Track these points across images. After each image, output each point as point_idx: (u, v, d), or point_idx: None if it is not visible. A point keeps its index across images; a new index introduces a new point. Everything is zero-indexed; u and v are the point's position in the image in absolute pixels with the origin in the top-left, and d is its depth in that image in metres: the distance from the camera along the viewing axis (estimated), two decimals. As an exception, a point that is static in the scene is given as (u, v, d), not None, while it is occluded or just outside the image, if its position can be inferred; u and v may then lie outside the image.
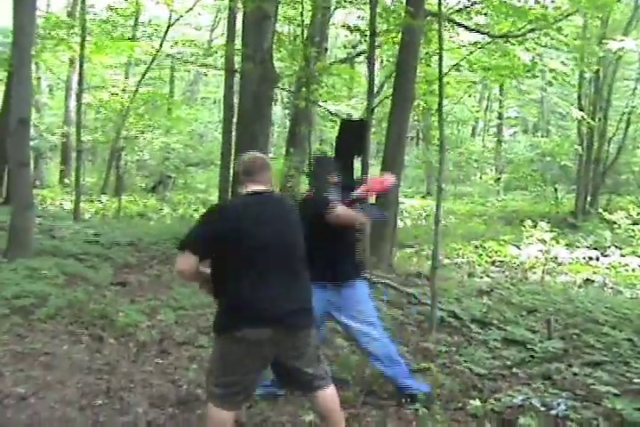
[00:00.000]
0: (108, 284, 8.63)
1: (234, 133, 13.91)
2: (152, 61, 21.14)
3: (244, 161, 3.97)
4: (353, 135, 10.81)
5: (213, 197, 17.47)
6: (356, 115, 17.18)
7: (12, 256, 9.25)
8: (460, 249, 14.32)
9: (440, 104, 7.45)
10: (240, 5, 13.39)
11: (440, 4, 7.77)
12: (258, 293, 3.60)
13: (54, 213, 17.52)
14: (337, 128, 12.17)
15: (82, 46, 16.73)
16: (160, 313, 7.14)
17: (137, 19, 22.71)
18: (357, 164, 11.15)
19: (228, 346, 3.66)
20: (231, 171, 14.26)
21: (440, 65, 7.46)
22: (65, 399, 4.82)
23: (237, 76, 14.10)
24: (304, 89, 14.60)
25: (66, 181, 25.00)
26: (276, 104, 15.69)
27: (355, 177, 8.01)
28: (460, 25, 13.93)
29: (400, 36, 11.77)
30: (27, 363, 5.54)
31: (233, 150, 14.04)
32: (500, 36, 13.47)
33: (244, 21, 13.42)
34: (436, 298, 6.91)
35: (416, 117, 21.20)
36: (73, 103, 20.14)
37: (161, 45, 20.47)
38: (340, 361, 5.61)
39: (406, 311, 7.65)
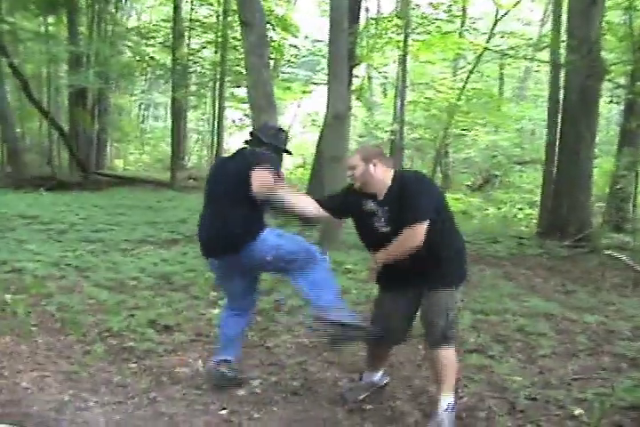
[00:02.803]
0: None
1: (559, 131, 13.26)
2: (479, 57, 20.85)
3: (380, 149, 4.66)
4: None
5: (537, 198, 16.62)
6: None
7: (323, 249, 9.55)
8: None
9: None
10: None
11: None
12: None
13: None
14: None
15: (405, 45, 16.94)
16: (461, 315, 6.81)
17: (464, 15, 22.56)
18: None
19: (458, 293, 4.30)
20: (554, 170, 13.58)
21: None
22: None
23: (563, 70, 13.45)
24: (638, 83, 13.48)
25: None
26: (604, 99, 14.63)
27: None
28: None
29: None
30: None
31: (557, 149, 13.42)
32: None
33: (569, 10, 12.80)
34: None
35: None
36: (401, 101, 20.48)
37: (488, 41, 20.11)
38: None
39: None
